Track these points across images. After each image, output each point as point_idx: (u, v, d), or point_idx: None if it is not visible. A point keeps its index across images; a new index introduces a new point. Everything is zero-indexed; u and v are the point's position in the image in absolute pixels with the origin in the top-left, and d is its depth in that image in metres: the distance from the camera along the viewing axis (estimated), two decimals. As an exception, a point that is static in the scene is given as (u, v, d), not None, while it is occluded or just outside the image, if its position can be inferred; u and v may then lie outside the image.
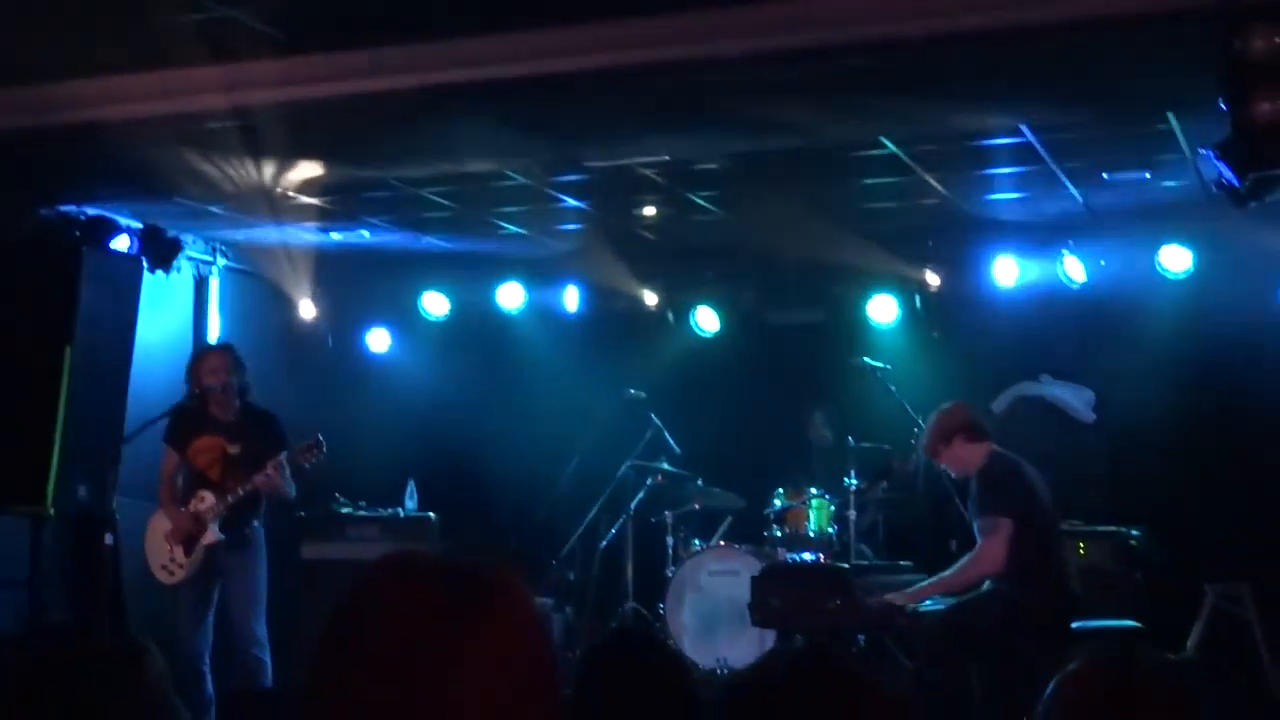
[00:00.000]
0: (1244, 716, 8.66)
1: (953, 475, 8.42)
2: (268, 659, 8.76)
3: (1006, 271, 10.88)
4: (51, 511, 8.91)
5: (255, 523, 8.94)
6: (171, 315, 10.87)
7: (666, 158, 9.03)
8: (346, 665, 1.77)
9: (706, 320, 12.03)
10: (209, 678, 8.77)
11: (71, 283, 8.97)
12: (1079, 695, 2.68)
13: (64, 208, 9.45)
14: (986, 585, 7.86)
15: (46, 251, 9.20)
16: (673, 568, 10.32)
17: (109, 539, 8.66)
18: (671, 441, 10.83)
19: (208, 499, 8.80)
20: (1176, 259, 10.38)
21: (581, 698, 3.83)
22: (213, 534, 8.75)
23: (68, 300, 8.97)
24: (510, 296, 12.04)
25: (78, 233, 9.41)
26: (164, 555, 8.81)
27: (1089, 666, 2.75)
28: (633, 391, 11.01)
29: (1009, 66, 7.08)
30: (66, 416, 8.94)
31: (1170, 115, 8.01)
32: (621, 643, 4.17)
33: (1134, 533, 9.78)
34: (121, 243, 9.82)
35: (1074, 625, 7.86)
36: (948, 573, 8.04)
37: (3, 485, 8.85)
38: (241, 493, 8.73)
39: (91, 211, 9.57)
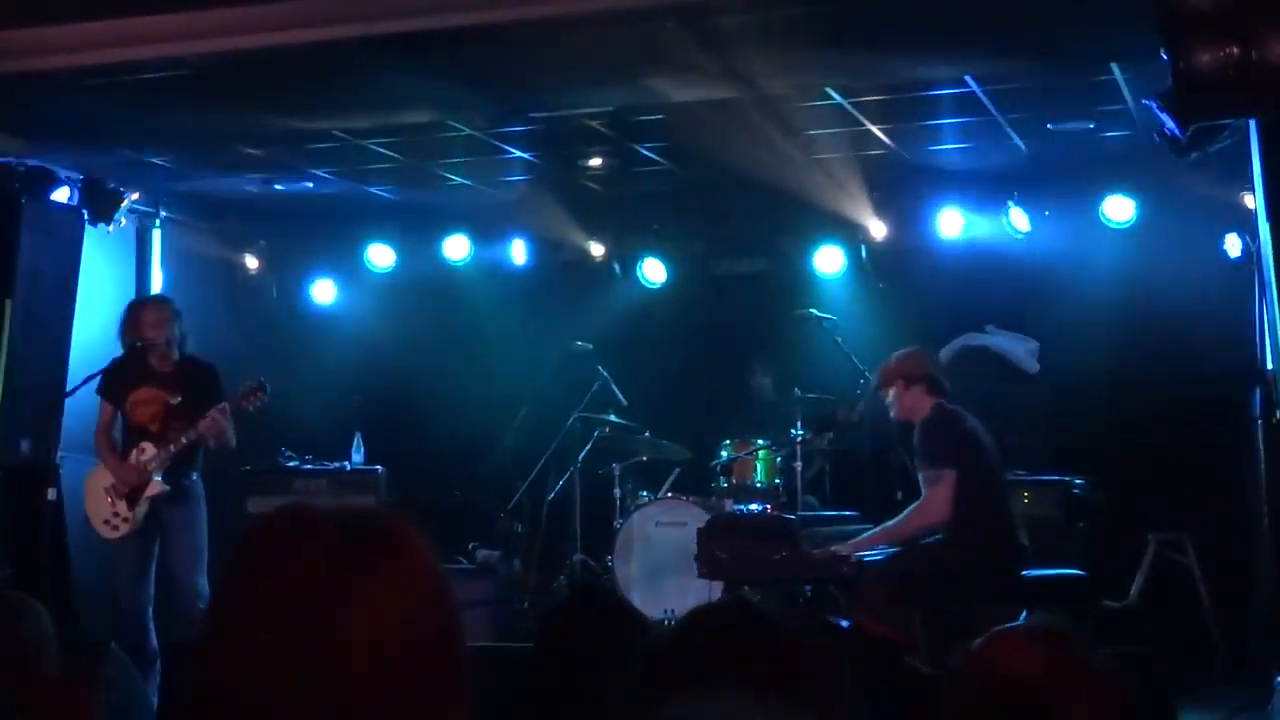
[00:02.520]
0: (1185, 663, 8.77)
1: (892, 415, 8.41)
2: (211, 612, 8.70)
3: (951, 222, 10.91)
4: (-7, 466, 8.87)
5: (194, 475, 8.88)
6: (113, 268, 10.77)
7: (611, 108, 9.00)
8: (236, 613, 1.77)
9: (653, 271, 12.01)
10: (152, 632, 8.74)
11: (11, 235, 8.90)
12: (1008, 666, 2.65)
13: (2, 159, 9.33)
14: (933, 536, 7.90)
15: (-15, 204, 9.11)
16: (620, 519, 10.34)
17: (51, 494, 8.61)
18: (619, 393, 10.83)
19: (149, 449, 8.73)
20: (1120, 209, 10.43)
21: (542, 652, 3.83)
22: (157, 485, 8.69)
23: (7, 253, 8.89)
24: (456, 248, 11.98)
25: (17, 185, 9.30)
26: (106, 510, 8.74)
27: (1026, 636, 2.72)
28: (579, 343, 10.99)
29: (953, 16, 7.08)
30: (7, 371, 8.88)
31: (1114, 66, 8.04)
32: (583, 599, 4.16)
33: (1078, 482, 9.84)
34: (62, 194, 9.71)
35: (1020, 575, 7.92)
36: (892, 522, 8.08)
37: (-57, 440, 8.79)
38: (185, 440, 8.66)
39: (31, 163, 9.46)
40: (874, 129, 9.46)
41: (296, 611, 1.73)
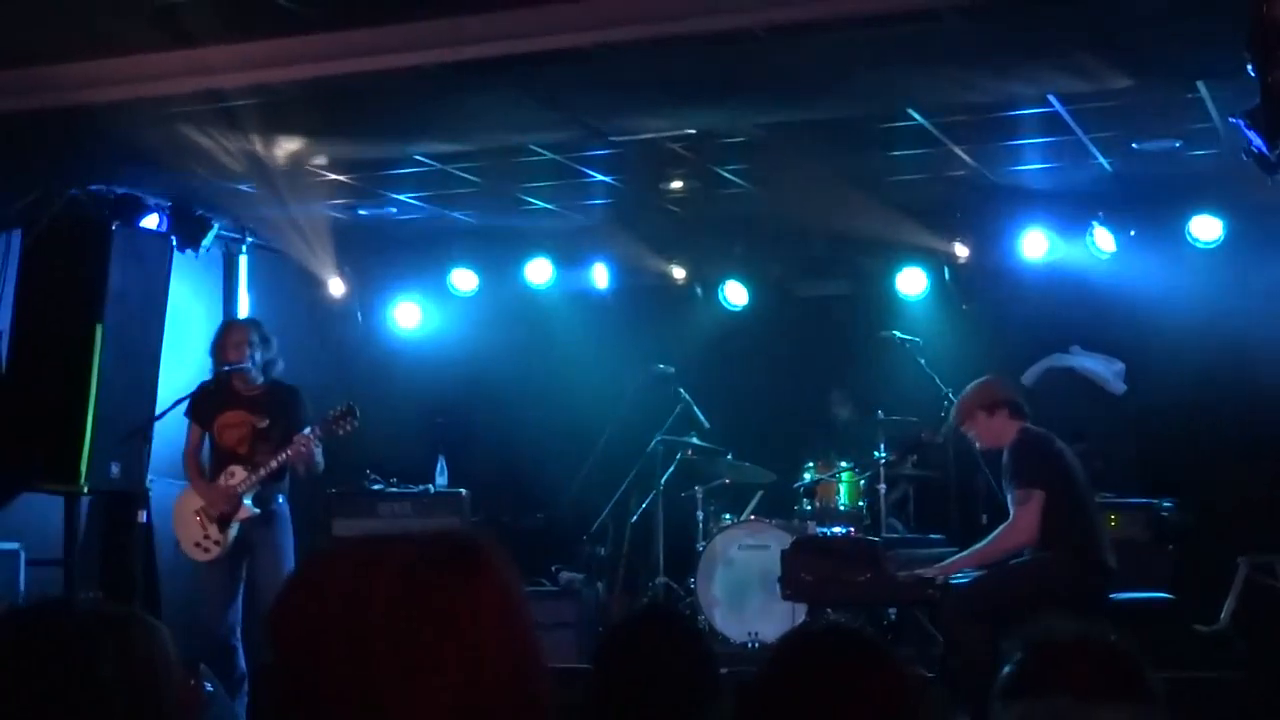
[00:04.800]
0: (1277, 688, 8.62)
1: (979, 446, 8.38)
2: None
3: (1035, 243, 10.83)
4: (85, 489, 8.98)
5: (281, 497, 8.95)
6: (201, 293, 10.91)
7: (692, 131, 9.00)
8: (308, 648, 1.76)
9: (734, 294, 12.00)
10: (241, 654, 8.80)
11: (102, 262, 9.03)
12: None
13: (93, 187, 9.48)
14: (1021, 556, 7.85)
15: (77, 231, 9.26)
16: (703, 542, 10.32)
17: (142, 517, 8.69)
18: (701, 416, 10.82)
19: (239, 473, 8.79)
20: (1207, 229, 10.32)
21: (602, 673, 3.82)
22: (247, 509, 8.76)
23: (98, 279, 9.03)
24: (538, 272, 12.02)
25: (107, 212, 9.45)
26: (197, 533, 8.81)
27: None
28: (661, 366, 10.99)
29: (1039, 35, 7.05)
30: (99, 395, 9.00)
31: (1200, 84, 7.96)
32: (643, 619, 4.16)
33: (1166, 504, 9.73)
34: (151, 221, 9.85)
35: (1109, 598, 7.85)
36: (981, 545, 8.03)
37: (37, 464, 8.92)
38: (274, 465, 8.73)
39: (121, 190, 9.60)
40: (957, 150, 9.41)
41: (367, 643, 1.72)
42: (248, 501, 8.76)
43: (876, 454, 9.91)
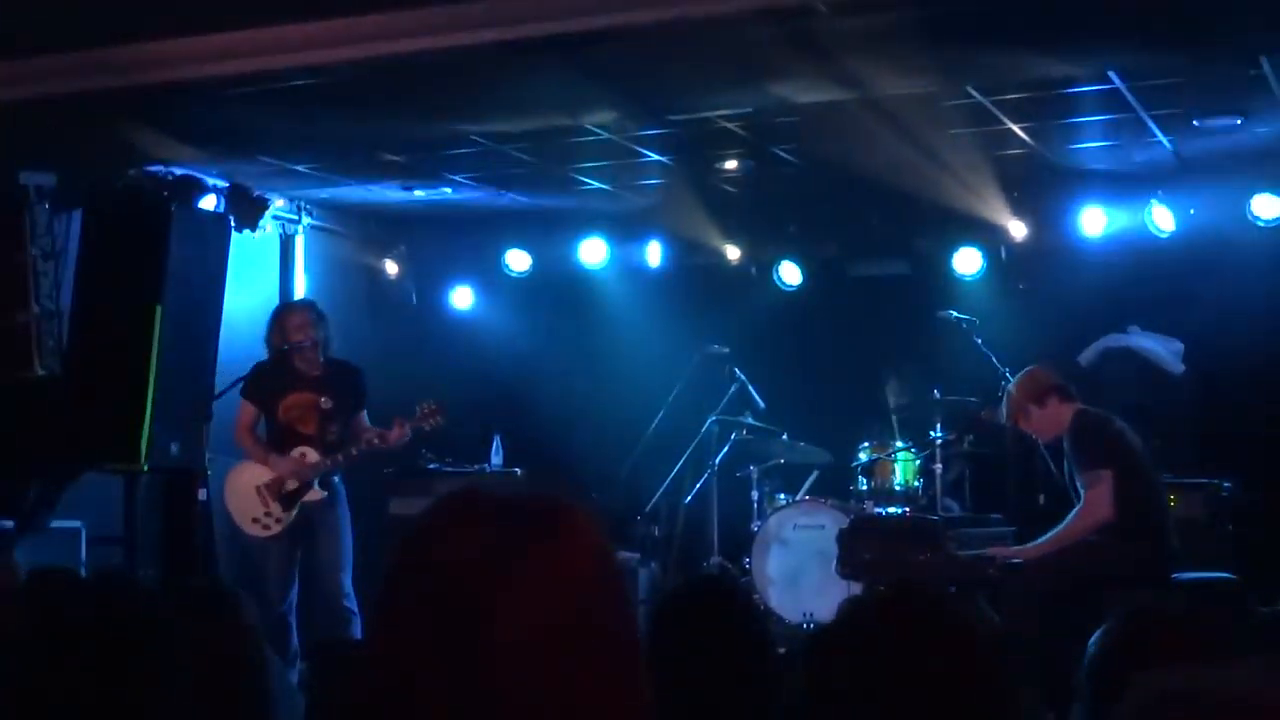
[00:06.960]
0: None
1: (1040, 441, 8.36)
2: (357, 610, 8.84)
3: (1093, 221, 10.75)
4: (145, 468, 9.03)
5: (337, 477, 9.05)
6: (258, 274, 10.96)
7: (749, 110, 8.97)
8: (397, 603, 1.76)
9: (789, 274, 11.97)
10: (294, 630, 8.87)
11: (161, 242, 9.06)
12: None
13: (152, 168, 9.53)
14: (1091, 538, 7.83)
15: (136, 211, 9.30)
16: (758, 522, 10.32)
17: (202, 494, 8.77)
18: (756, 396, 10.80)
19: (311, 455, 8.88)
20: (1268, 207, 10.21)
21: (655, 643, 3.82)
22: (317, 492, 8.85)
23: (157, 260, 9.05)
24: (592, 252, 12.03)
25: (166, 192, 9.49)
26: (257, 509, 8.89)
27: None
28: (716, 346, 10.98)
29: (1101, 9, 6.98)
30: (158, 375, 9.04)
31: (1263, 59, 7.87)
32: (694, 589, 4.16)
33: (1225, 484, 9.66)
34: (209, 202, 9.89)
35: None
36: (1057, 529, 7.99)
37: (97, 443, 8.97)
38: (355, 452, 8.86)
39: (179, 171, 9.65)
40: (1014, 127, 9.35)
41: (451, 596, 1.69)
42: (317, 484, 8.85)
43: (933, 434, 9.87)
